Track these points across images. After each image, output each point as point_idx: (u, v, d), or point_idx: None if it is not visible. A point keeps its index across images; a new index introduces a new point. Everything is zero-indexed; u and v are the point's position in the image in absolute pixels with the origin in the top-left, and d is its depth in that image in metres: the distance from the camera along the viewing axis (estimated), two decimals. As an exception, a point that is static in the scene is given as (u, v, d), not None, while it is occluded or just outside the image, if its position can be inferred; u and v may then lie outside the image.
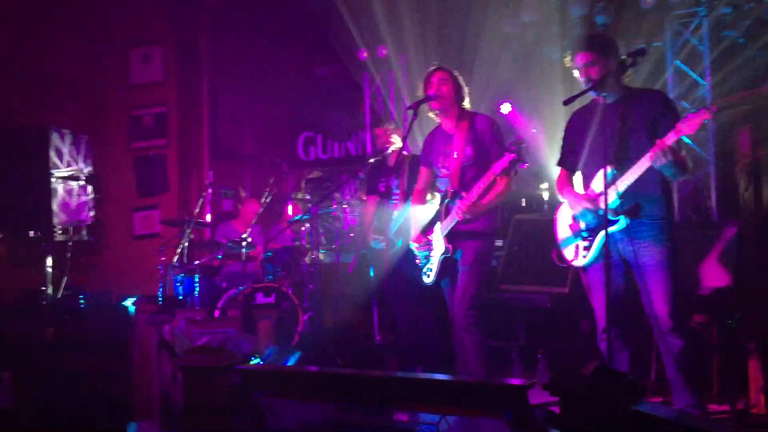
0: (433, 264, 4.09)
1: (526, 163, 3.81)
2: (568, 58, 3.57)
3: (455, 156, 3.99)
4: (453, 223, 3.95)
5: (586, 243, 3.51)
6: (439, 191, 4.24)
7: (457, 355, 4.09)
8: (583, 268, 3.58)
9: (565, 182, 3.72)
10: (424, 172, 4.29)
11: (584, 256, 3.51)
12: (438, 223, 4.06)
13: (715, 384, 4.05)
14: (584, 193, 3.55)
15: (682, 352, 3.31)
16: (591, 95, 3.50)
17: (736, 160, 3.91)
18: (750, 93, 4.30)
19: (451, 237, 3.98)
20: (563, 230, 3.68)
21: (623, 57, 3.45)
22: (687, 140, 3.20)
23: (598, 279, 3.44)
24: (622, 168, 3.35)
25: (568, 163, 3.73)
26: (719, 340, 4.11)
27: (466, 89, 4.11)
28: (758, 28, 5.61)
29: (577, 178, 3.70)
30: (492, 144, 3.93)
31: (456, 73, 4.11)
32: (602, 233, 3.36)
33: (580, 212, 3.52)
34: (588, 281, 3.57)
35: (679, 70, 6.24)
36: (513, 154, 3.72)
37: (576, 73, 3.53)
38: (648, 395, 4.00)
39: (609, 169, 3.37)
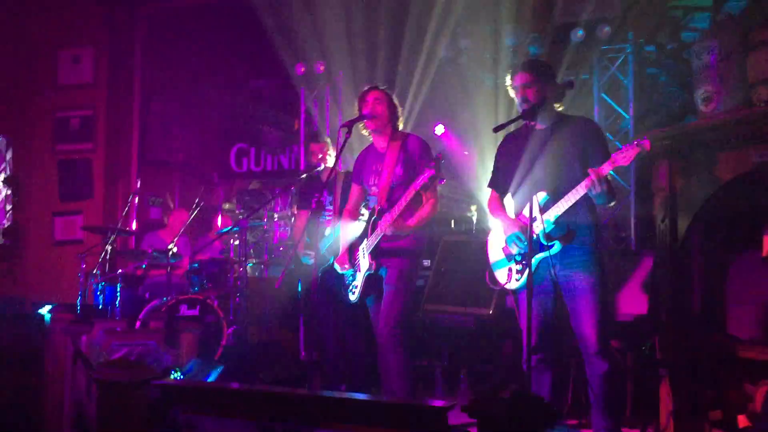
0: (358, 281, 4.09)
1: (444, 179, 3.88)
2: (508, 78, 3.63)
3: (385, 174, 4.03)
4: (378, 240, 3.97)
5: (519, 266, 3.57)
6: (368, 209, 4.26)
7: (381, 374, 4.10)
8: (514, 291, 3.65)
9: (497, 204, 3.79)
10: (355, 190, 4.31)
11: (517, 280, 3.57)
12: (364, 240, 4.09)
13: (629, 408, 4.19)
14: (516, 218, 3.63)
15: (605, 376, 3.41)
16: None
17: (654, 192, 4.06)
18: (672, 128, 4.50)
19: (376, 254, 4.00)
20: (495, 253, 3.74)
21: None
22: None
23: (524, 304, 3.51)
24: (554, 194, 3.44)
25: (499, 185, 3.80)
26: (633, 365, 4.25)
27: (400, 110, 4.17)
28: (678, 67, 5.90)
29: (509, 201, 3.79)
30: (421, 164, 3.97)
31: (391, 94, 4.15)
32: (534, 258, 3.45)
33: (511, 237, 3.59)
34: (518, 304, 3.63)
35: (605, 103, 6.49)
36: (432, 170, 3.77)
37: (512, 94, 3.61)
38: (565, 417, 4.10)
39: (542, 195, 3.47)
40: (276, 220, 7.22)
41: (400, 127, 4.18)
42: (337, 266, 4.20)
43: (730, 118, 3.70)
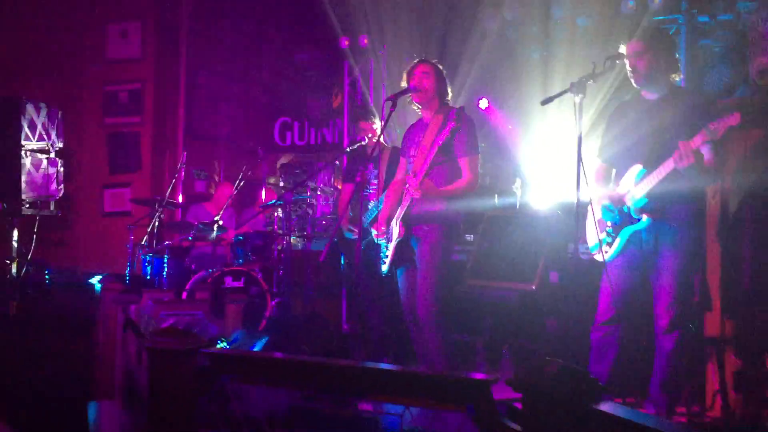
0: (390, 251, 4.04)
1: (466, 126, 3.81)
2: (622, 46, 3.54)
3: (425, 144, 3.96)
4: (407, 205, 3.90)
5: (609, 239, 3.56)
6: None
7: (416, 349, 4.09)
8: (602, 263, 3.62)
9: (601, 175, 3.74)
10: (402, 163, 4.28)
11: (606, 252, 3.57)
12: (398, 209, 4.06)
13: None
14: (613, 188, 3.60)
15: (668, 355, 3.44)
16: (637, 89, 3.55)
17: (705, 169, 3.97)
18: (731, 101, 4.36)
19: (406, 221, 3.93)
20: (591, 224, 3.70)
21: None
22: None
23: (612, 274, 3.53)
24: (652, 167, 3.38)
25: (606, 156, 3.73)
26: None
27: (447, 83, 4.09)
28: (735, 39, 5.70)
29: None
30: (461, 137, 3.87)
31: (440, 67, 4.06)
32: (623, 230, 3.47)
33: (602, 207, 3.58)
34: (603, 275, 3.61)
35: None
36: (452, 122, 3.72)
37: (627, 63, 3.51)
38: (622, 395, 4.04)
39: (638, 168, 3.43)
40: (319, 193, 7.26)
41: (449, 100, 4.11)
42: (373, 233, 4.20)
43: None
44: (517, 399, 2.36)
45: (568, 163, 5.72)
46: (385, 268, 4.09)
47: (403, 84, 4.06)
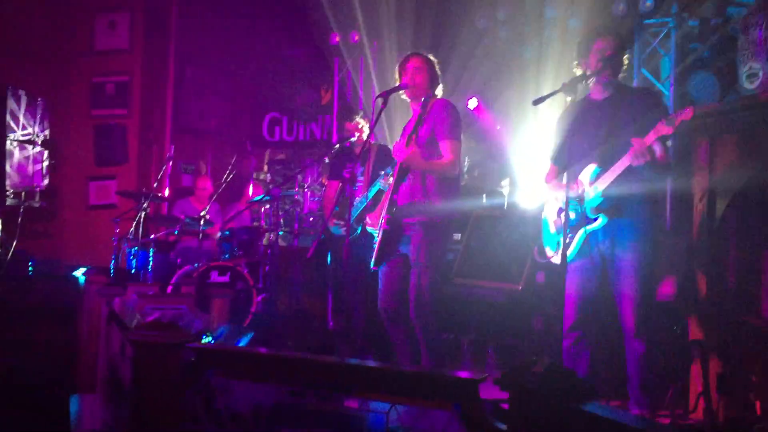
0: (376, 244, 3.96)
1: (449, 112, 3.86)
2: (587, 43, 3.52)
3: (409, 134, 3.94)
4: (392, 191, 3.88)
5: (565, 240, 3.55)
6: None
7: (394, 346, 4.08)
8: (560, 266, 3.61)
9: (554, 176, 3.75)
10: None
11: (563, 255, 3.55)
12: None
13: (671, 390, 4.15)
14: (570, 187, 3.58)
15: (642, 358, 3.40)
16: (586, 90, 3.54)
17: (693, 172, 3.98)
18: (719, 104, 4.37)
19: (393, 212, 3.85)
20: (548, 227, 3.70)
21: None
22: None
23: (572, 278, 3.50)
24: (606, 166, 3.37)
25: (558, 159, 3.72)
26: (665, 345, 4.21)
27: (439, 76, 4.04)
28: (724, 43, 5.73)
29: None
30: (442, 122, 3.86)
31: (432, 60, 4.02)
32: (581, 231, 3.43)
33: (565, 201, 3.54)
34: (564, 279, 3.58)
35: (645, 79, 6.35)
36: (434, 110, 3.85)
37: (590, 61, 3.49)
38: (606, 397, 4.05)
39: (592, 167, 3.42)
40: (306, 190, 7.23)
41: (439, 94, 4.09)
42: (368, 221, 4.16)
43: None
44: (504, 399, 2.36)
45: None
46: (372, 262, 4.04)
47: (396, 78, 4.03)
